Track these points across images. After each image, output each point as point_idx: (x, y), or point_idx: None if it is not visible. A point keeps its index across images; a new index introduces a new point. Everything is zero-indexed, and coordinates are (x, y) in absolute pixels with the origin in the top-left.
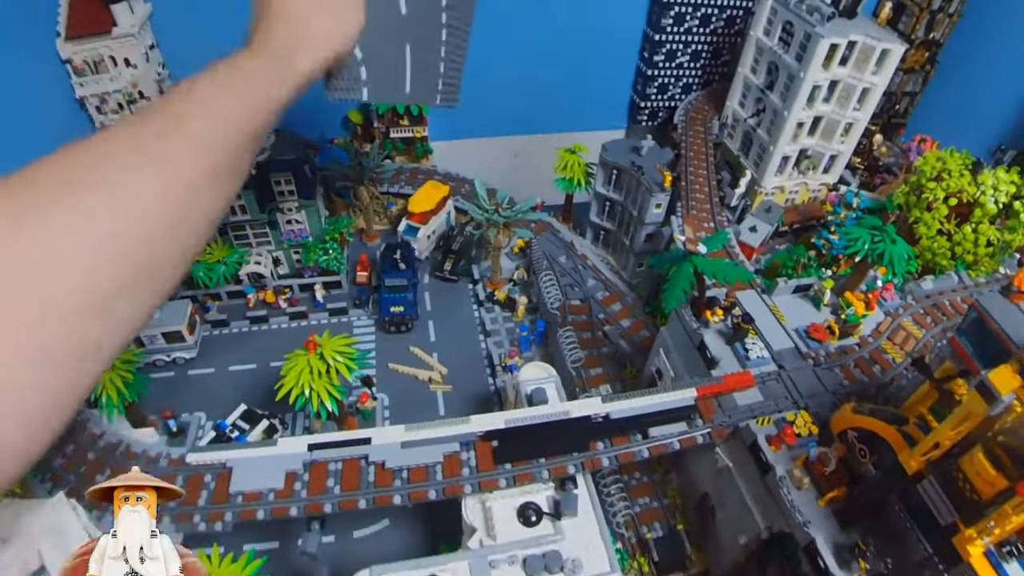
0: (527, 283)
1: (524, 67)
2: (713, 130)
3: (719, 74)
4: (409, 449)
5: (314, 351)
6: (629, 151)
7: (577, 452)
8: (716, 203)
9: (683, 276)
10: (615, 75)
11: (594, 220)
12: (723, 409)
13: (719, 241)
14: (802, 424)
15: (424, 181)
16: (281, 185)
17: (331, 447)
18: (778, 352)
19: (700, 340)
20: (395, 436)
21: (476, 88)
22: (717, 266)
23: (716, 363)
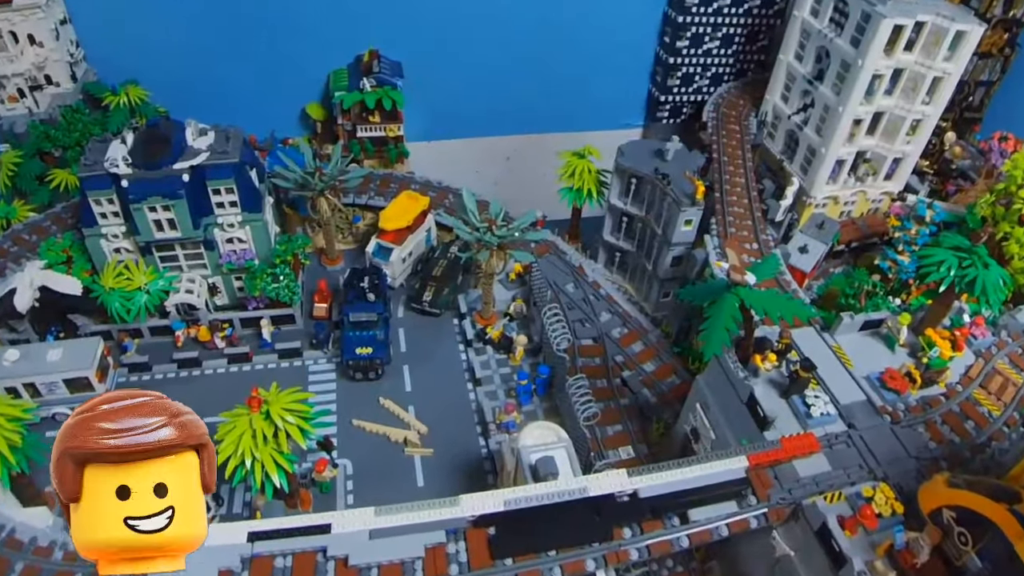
0: (526, 318)
1: (518, 53)
2: (750, 129)
3: (755, 62)
4: (380, 540)
5: (258, 409)
6: (651, 155)
7: (598, 542)
8: (758, 218)
9: (726, 313)
10: (629, 64)
11: (608, 239)
12: (781, 482)
13: (770, 268)
14: (883, 501)
15: (399, 191)
16: (220, 195)
17: (279, 537)
18: (847, 407)
19: (749, 393)
20: (361, 522)
21: (461, 79)
22: (769, 300)
23: (770, 422)
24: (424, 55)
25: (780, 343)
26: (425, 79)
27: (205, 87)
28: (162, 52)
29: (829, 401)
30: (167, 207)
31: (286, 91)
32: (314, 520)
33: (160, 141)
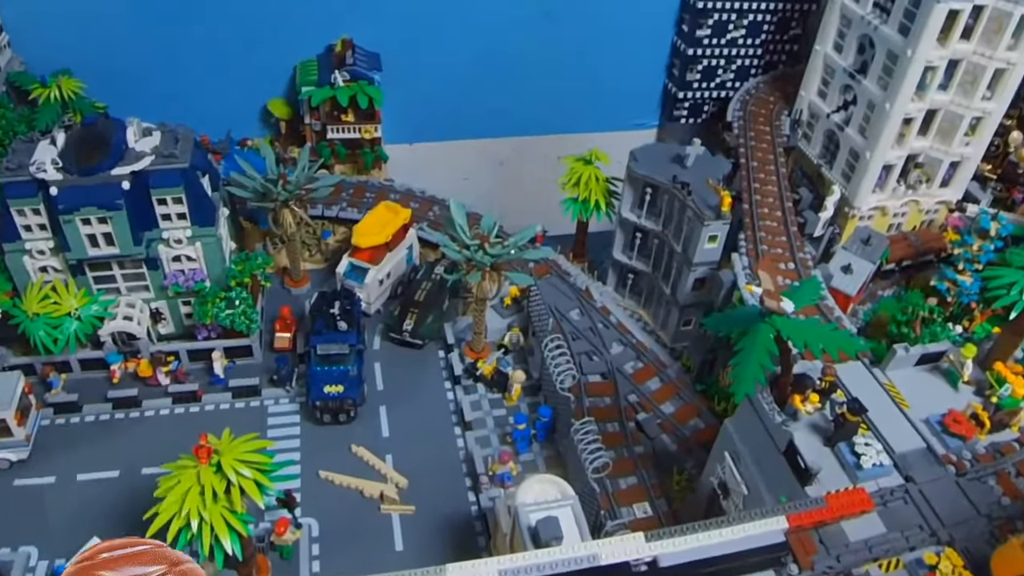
0: (524, 350)
1: (515, 43)
2: (783, 130)
3: (787, 53)
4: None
5: (207, 460)
6: (668, 161)
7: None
8: (794, 234)
9: (760, 346)
10: (642, 55)
11: (619, 258)
12: (827, 548)
13: (810, 293)
14: (949, 570)
15: (376, 201)
16: (167, 205)
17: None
18: (903, 456)
19: (788, 441)
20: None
21: (448, 72)
22: (810, 331)
23: (813, 476)
24: (406, 45)
25: (823, 381)
26: (407, 73)
27: (150, 79)
28: (101, 38)
29: (882, 450)
30: (103, 219)
31: (245, 85)
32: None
33: (97, 142)
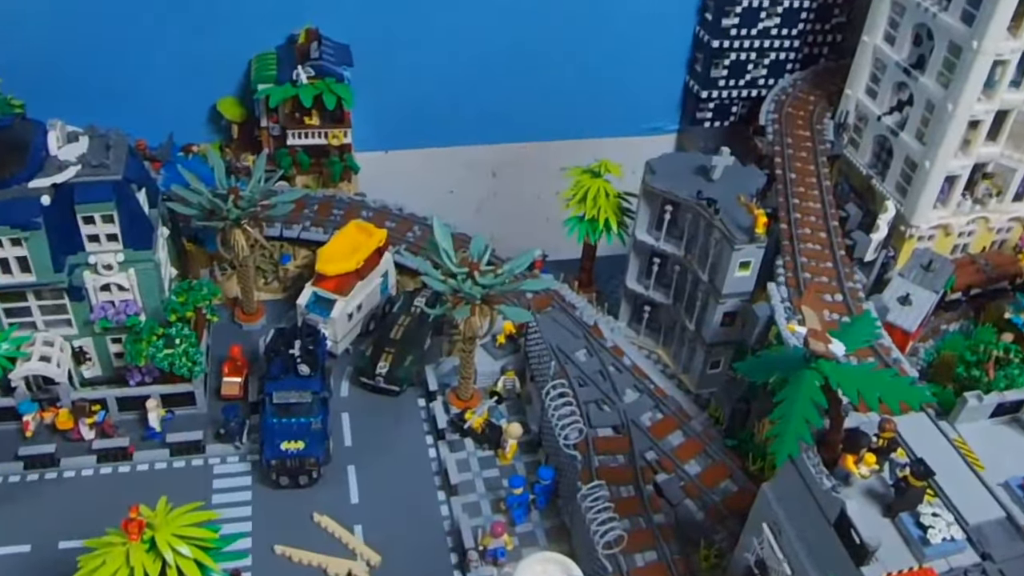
0: (521, 399)
1: (510, 34)
2: (826, 135)
3: (830, 45)
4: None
5: (139, 535)
6: (691, 172)
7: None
8: (841, 258)
9: (804, 397)
10: (658, 48)
11: (633, 288)
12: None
13: (863, 331)
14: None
15: (345, 220)
16: (95, 224)
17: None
18: (978, 529)
19: (840, 510)
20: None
21: (431, 68)
22: (864, 378)
23: (871, 553)
24: (382, 36)
25: (881, 438)
26: (382, 68)
27: (77, 73)
28: (18, 25)
29: (953, 521)
30: (17, 240)
31: (190, 81)
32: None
33: (11, 149)
